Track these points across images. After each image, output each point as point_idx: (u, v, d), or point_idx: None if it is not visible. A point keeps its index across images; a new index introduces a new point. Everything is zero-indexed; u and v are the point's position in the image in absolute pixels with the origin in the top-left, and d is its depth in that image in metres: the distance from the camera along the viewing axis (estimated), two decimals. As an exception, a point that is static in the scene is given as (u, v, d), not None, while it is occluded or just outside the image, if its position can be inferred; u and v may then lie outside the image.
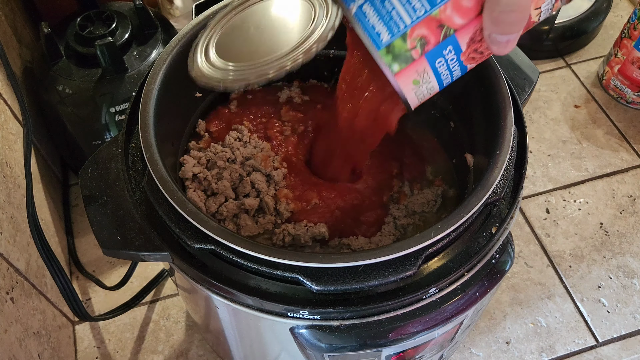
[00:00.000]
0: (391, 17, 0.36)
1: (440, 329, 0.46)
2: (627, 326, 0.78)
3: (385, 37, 0.37)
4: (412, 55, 0.38)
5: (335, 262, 0.40)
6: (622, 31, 0.97)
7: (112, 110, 0.78)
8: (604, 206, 0.89)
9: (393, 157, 0.60)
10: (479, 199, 0.43)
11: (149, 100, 0.48)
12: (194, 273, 0.45)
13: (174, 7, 0.99)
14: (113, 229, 0.46)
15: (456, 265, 0.44)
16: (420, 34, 0.37)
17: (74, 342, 0.78)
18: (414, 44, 0.37)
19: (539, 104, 1.02)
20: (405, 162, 0.60)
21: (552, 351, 0.76)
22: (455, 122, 0.58)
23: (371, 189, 0.57)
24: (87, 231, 0.87)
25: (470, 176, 0.54)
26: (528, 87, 0.55)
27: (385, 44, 0.37)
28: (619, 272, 0.83)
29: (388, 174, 0.58)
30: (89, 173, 0.50)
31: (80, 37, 0.79)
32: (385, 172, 0.58)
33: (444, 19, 0.36)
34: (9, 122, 0.72)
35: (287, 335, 0.46)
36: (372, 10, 0.37)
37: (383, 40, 0.37)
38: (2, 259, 0.60)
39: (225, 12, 0.45)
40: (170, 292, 0.82)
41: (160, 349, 0.77)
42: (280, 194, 0.53)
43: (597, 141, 0.97)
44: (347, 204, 0.55)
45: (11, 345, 0.58)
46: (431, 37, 0.37)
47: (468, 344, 0.77)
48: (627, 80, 0.97)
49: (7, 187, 0.66)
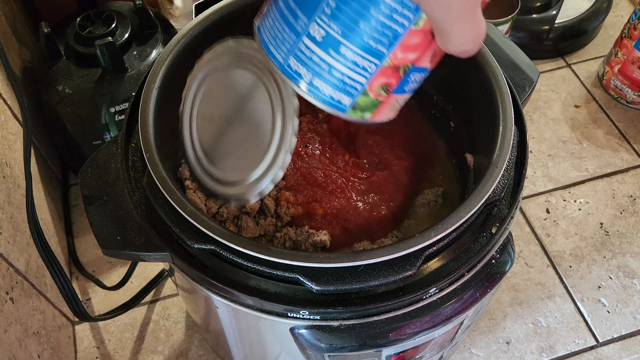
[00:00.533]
0: (345, 83, 0.35)
1: (440, 329, 0.46)
2: (627, 326, 0.78)
3: (347, 102, 0.36)
4: (380, 100, 0.37)
5: (335, 262, 0.40)
6: (623, 31, 0.97)
7: (112, 110, 0.78)
8: (604, 206, 0.89)
9: (403, 169, 0.58)
10: (479, 199, 0.43)
11: (148, 100, 0.48)
12: (193, 273, 0.45)
13: (173, 7, 0.99)
14: (113, 229, 0.46)
15: (456, 265, 0.44)
16: (380, 83, 0.36)
17: (73, 342, 0.78)
18: (377, 93, 0.36)
19: (539, 103, 1.02)
20: (410, 166, 0.59)
21: (552, 351, 0.76)
22: (456, 122, 0.58)
23: (383, 207, 0.55)
24: (87, 231, 0.87)
25: (471, 176, 0.54)
26: (528, 87, 0.55)
27: (350, 107, 0.37)
28: (619, 272, 0.83)
29: (400, 188, 0.57)
30: (88, 173, 0.50)
31: (80, 37, 0.79)
32: (397, 187, 0.57)
33: (397, 63, 0.35)
34: (9, 122, 0.72)
35: (287, 335, 0.46)
36: (323, 82, 0.35)
37: (346, 105, 0.36)
38: (2, 259, 0.60)
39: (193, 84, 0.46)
40: (170, 292, 0.82)
41: (160, 349, 0.77)
42: (281, 197, 0.53)
43: (597, 141, 0.96)
44: (353, 221, 0.53)
45: (11, 345, 0.58)
46: (392, 80, 0.36)
47: (468, 344, 0.77)
48: (627, 80, 0.97)
49: (7, 187, 0.66)
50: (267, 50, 0.37)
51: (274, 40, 0.36)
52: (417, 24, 0.33)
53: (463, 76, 0.52)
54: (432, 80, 0.43)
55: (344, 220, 0.52)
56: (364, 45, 0.34)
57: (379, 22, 0.33)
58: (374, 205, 0.54)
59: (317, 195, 0.54)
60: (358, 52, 0.34)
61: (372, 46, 0.34)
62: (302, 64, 0.35)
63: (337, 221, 0.52)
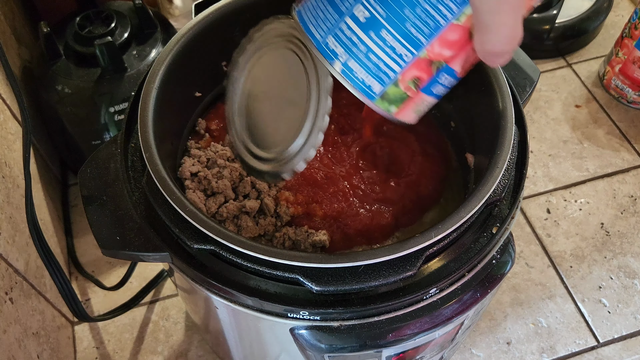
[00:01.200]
0: (379, 68, 0.36)
1: (440, 330, 0.46)
2: (628, 327, 0.78)
3: (377, 89, 0.37)
4: (408, 94, 0.37)
5: (335, 263, 0.40)
6: (623, 31, 0.96)
7: (111, 110, 0.78)
8: (604, 206, 0.89)
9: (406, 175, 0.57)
10: (479, 199, 0.42)
11: (148, 99, 0.48)
12: (193, 273, 0.45)
13: (173, 7, 0.99)
14: (112, 229, 0.46)
15: (457, 265, 0.44)
16: (412, 75, 0.36)
17: (73, 343, 0.78)
18: (407, 86, 0.37)
19: (540, 103, 1.02)
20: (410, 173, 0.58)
21: (553, 352, 0.76)
22: (456, 122, 0.58)
23: (383, 209, 0.54)
24: (87, 231, 0.87)
25: (471, 176, 0.54)
26: (529, 87, 0.55)
27: (379, 95, 0.37)
28: (620, 273, 0.82)
29: (413, 199, 0.56)
30: (88, 173, 0.50)
31: (79, 37, 0.79)
32: (408, 199, 0.56)
33: (432, 57, 0.36)
34: (8, 122, 0.72)
35: (287, 335, 0.45)
36: (358, 64, 0.36)
37: (376, 92, 0.37)
38: (1, 259, 0.60)
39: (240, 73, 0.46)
40: (170, 292, 0.82)
41: (159, 349, 0.77)
42: (281, 197, 0.53)
43: (598, 141, 0.96)
44: (353, 226, 0.53)
45: (10, 345, 0.58)
46: (423, 75, 0.37)
47: (469, 345, 0.77)
48: (628, 80, 0.97)
49: (6, 187, 0.66)
50: (305, 28, 0.37)
51: (315, 20, 0.37)
52: (459, 19, 0.34)
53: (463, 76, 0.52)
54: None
55: (343, 224, 0.52)
56: (405, 31, 0.35)
57: (424, 10, 0.34)
58: (377, 213, 0.53)
59: (318, 196, 0.53)
60: (398, 38, 0.35)
61: (412, 34, 0.35)
62: (340, 43, 0.36)
63: (337, 224, 0.52)
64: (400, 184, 0.55)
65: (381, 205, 0.54)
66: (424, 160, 0.57)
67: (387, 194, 0.54)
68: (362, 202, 0.54)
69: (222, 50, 0.55)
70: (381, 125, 0.59)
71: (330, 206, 0.53)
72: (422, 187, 0.56)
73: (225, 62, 0.58)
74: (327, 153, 0.57)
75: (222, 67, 0.58)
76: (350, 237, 0.52)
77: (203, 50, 0.54)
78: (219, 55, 0.57)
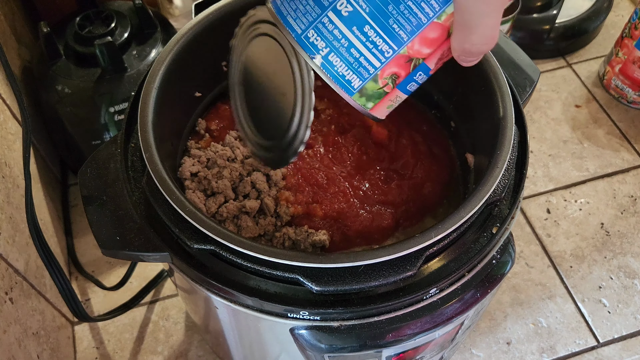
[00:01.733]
0: (360, 64, 0.36)
1: (440, 330, 0.46)
2: (628, 327, 0.78)
3: (356, 84, 0.37)
4: (385, 90, 0.38)
5: (335, 263, 0.40)
6: (623, 31, 0.96)
7: (111, 110, 0.78)
8: (605, 206, 0.89)
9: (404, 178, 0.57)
10: (479, 199, 0.42)
11: (148, 100, 0.48)
12: (193, 273, 0.45)
13: (173, 7, 0.98)
14: (112, 229, 0.46)
15: (457, 265, 0.44)
16: (391, 71, 0.37)
17: (73, 343, 0.78)
18: (385, 82, 0.37)
19: (540, 103, 1.02)
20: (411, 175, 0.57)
21: (553, 352, 0.76)
22: (456, 122, 0.58)
23: (384, 211, 0.54)
24: (87, 231, 0.87)
25: (471, 176, 0.54)
26: (529, 87, 0.55)
27: (357, 90, 0.37)
28: (620, 273, 0.82)
29: (400, 200, 0.55)
30: (88, 173, 0.50)
31: (79, 37, 0.79)
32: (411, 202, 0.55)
33: (411, 54, 0.36)
34: (8, 122, 0.72)
35: (287, 336, 0.45)
36: (339, 59, 0.36)
37: (355, 87, 0.37)
38: (1, 259, 0.60)
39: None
40: (170, 292, 0.82)
41: (159, 349, 0.77)
42: (281, 197, 0.53)
43: (598, 141, 0.96)
44: (353, 227, 0.53)
45: (10, 345, 0.58)
46: (402, 71, 0.37)
47: (469, 345, 0.77)
48: (628, 80, 0.97)
49: (6, 187, 0.66)
50: (284, 21, 0.37)
51: (294, 12, 0.36)
52: (440, 18, 0.34)
53: (463, 76, 0.52)
54: (432, 80, 0.42)
55: (343, 225, 0.52)
56: (388, 28, 0.35)
57: (407, 7, 0.34)
58: (378, 215, 0.53)
59: (318, 197, 0.53)
60: (380, 34, 0.35)
61: (395, 30, 0.35)
62: (321, 37, 0.36)
63: (337, 225, 0.52)
64: (404, 186, 0.55)
65: (382, 207, 0.54)
66: (430, 163, 0.57)
67: (389, 196, 0.54)
68: (363, 203, 0.54)
69: (222, 50, 0.55)
70: (387, 123, 0.59)
71: (330, 206, 0.53)
72: (426, 191, 0.55)
73: (225, 62, 0.58)
74: (328, 153, 0.57)
75: (222, 67, 0.58)
76: (350, 238, 0.52)
77: (203, 50, 0.54)
78: (219, 55, 0.57)
